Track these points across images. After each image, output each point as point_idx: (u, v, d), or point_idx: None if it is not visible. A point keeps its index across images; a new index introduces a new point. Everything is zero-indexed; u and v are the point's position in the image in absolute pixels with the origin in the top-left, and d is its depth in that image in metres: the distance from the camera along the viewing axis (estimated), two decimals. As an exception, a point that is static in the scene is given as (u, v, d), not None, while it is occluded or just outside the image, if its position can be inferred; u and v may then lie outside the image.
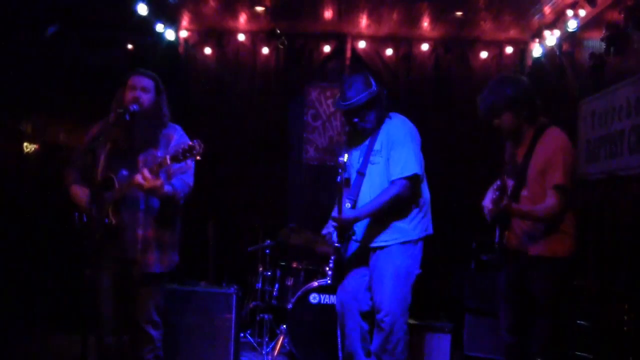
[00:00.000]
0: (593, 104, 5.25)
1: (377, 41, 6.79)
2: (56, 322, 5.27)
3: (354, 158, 4.15)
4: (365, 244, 4.04)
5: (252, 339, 5.56)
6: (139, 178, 3.47)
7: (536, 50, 6.30)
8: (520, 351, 3.65)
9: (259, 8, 6.19)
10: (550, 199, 3.43)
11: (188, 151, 3.41)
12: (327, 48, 6.82)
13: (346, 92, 3.99)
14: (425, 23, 6.39)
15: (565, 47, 5.84)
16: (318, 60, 6.85)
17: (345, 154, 4.02)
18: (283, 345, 5.32)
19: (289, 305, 5.12)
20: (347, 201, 4.08)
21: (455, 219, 6.04)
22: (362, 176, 4.04)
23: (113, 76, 3.89)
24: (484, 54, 6.72)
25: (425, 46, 6.73)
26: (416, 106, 6.52)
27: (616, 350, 4.22)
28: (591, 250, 5.13)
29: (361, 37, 6.76)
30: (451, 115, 6.70)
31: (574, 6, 5.41)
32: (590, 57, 5.25)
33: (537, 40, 6.28)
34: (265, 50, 6.79)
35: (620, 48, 4.88)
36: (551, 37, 5.94)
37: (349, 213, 3.93)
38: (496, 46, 6.72)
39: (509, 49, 6.70)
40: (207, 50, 6.81)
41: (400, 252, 3.94)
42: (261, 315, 5.48)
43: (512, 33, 6.52)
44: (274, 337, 5.45)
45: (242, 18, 6.48)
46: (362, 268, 4.08)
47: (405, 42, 6.77)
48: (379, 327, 3.90)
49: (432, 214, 4.17)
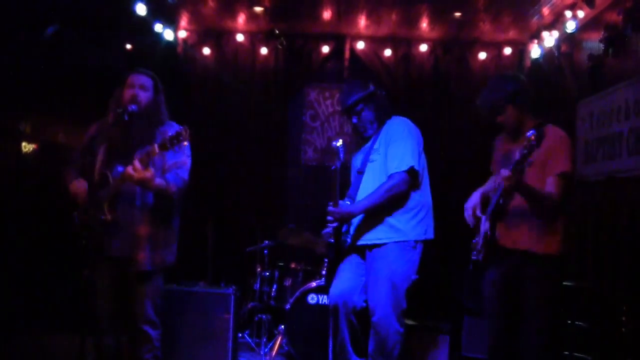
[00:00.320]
0: (591, 106, 5.26)
1: (376, 42, 6.79)
2: (55, 322, 5.26)
3: (357, 161, 4.19)
4: (360, 242, 4.03)
5: (250, 340, 5.56)
6: (130, 169, 3.48)
7: (535, 51, 6.30)
8: (507, 355, 3.63)
9: (258, 8, 6.18)
10: (552, 187, 3.42)
11: (175, 137, 3.42)
12: (326, 49, 6.82)
13: (344, 95, 4.12)
14: (424, 24, 6.39)
15: (563, 48, 5.85)
16: (317, 60, 6.85)
17: (339, 140, 4.11)
18: (281, 345, 5.31)
19: (287, 305, 5.13)
20: (346, 199, 4.12)
21: (453, 220, 6.03)
22: (361, 174, 4.07)
23: (112, 76, 3.89)
24: (483, 55, 6.72)
25: (424, 47, 6.73)
26: (415, 107, 6.53)
27: (615, 351, 4.23)
28: (589, 251, 5.13)
29: (360, 38, 6.76)
30: (450, 116, 6.71)
31: (573, 7, 5.42)
32: (588, 59, 5.26)
33: (536, 41, 6.29)
34: (264, 50, 6.79)
35: (618, 49, 4.88)
36: (550, 38, 5.94)
37: (347, 207, 3.98)
38: (495, 47, 6.73)
39: (508, 50, 6.71)
40: (206, 50, 6.80)
41: (397, 254, 3.91)
42: (259, 315, 5.48)
43: (511, 34, 6.52)
44: (272, 338, 5.44)
45: (241, 18, 6.48)
46: (358, 266, 4.06)
47: (404, 43, 6.77)
48: (374, 330, 3.89)
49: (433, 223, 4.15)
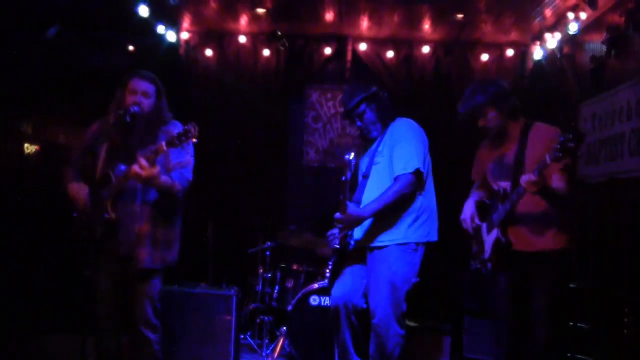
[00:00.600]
0: (593, 107, 5.25)
1: (378, 43, 6.79)
2: (56, 323, 5.27)
3: (363, 164, 4.17)
4: (362, 244, 4.02)
5: (252, 341, 5.56)
6: (136, 167, 3.47)
7: (537, 52, 6.30)
8: (513, 356, 3.63)
9: (260, 10, 6.19)
10: (559, 182, 3.41)
11: (183, 134, 3.40)
12: (328, 50, 6.82)
13: (345, 97, 4.11)
14: (426, 25, 6.39)
15: (566, 50, 5.85)
16: (319, 62, 6.85)
17: (351, 153, 4.05)
18: (283, 347, 5.31)
19: (289, 307, 5.12)
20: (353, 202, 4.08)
21: (455, 221, 6.03)
22: (366, 178, 4.05)
23: (114, 77, 3.88)
24: (485, 57, 6.72)
25: (425, 48, 6.73)
26: (417, 108, 6.52)
27: (616, 353, 4.23)
28: (591, 252, 5.13)
29: (362, 39, 6.76)
30: (451, 117, 6.68)
31: (575, 9, 5.42)
32: (590, 60, 5.26)
33: (538, 42, 6.28)
34: (266, 52, 6.79)
35: (620, 51, 4.89)
36: (552, 40, 5.94)
37: (355, 210, 3.86)
38: (497, 48, 6.72)
39: (510, 52, 6.70)
40: (208, 51, 6.81)
41: (397, 257, 3.89)
42: (261, 317, 5.48)
43: (513, 35, 6.52)
44: (274, 339, 5.44)
45: (243, 20, 6.48)
46: (360, 268, 4.05)
47: (405, 44, 6.77)
48: (375, 332, 3.88)
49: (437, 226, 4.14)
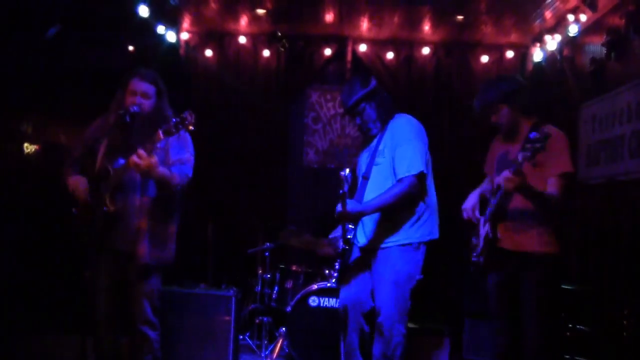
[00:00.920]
0: (594, 109, 5.26)
1: (378, 44, 6.79)
2: (55, 323, 5.26)
3: (363, 161, 4.14)
4: (366, 246, 4.02)
5: (251, 342, 5.56)
6: (135, 158, 3.47)
7: (537, 54, 6.30)
8: (511, 357, 3.62)
9: (260, 10, 6.19)
10: (553, 188, 3.41)
11: (180, 122, 3.40)
12: (328, 51, 6.81)
13: (344, 95, 4.02)
14: (426, 26, 6.39)
15: (566, 52, 5.85)
16: (319, 63, 6.85)
17: (346, 169, 3.89)
18: (282, 347, 5.31)
19: (288, 308, 5.12)
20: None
21: (454, 222, 6.02)
22: (367, 179, 4.02)
23: (114, 78, 3.88)
24: (485, 58, 6.72)
25: (426, 50, 6.74)
26: (417, 109, 6.50)
27: (616, 355, 4.23)
28: (591, 254, 5.13)
29: (362, 40, 6.76)
30: (452, 118, 6.70)
31: (575, 11, 5.43)
32: (591, 62, 5.26)
33: (538, 44, 6.29)
34: (266, 52, 6.79)
35: (620, 53, 4.89)
36: (552, 42, 5.94)
37: (355, 206, 3.82)
38: (497, 50, 6.72)
39: (510, 53, 6.70)
40: (208, 52, 6.81)
41: (400, 256, 3.90)
42: (260, 317, 5.47)
43: (513, 37, 6.53)
44: (273, 340, 5.44)
45: (243, 20, 6.48)
46: (365, 270, 4.06)
47: (406, 46, 6.77)
48: (379, 331, 3.89)
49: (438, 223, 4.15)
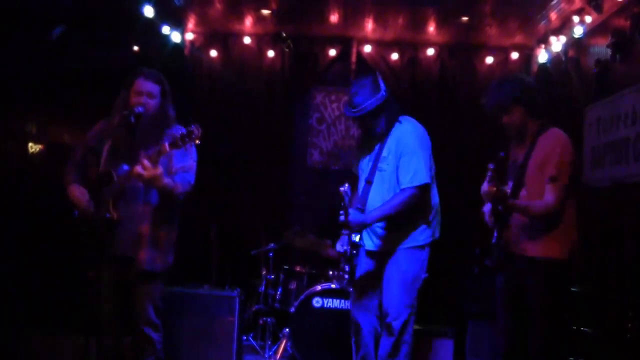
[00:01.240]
0: (598, 111, 5.24)
1: (383, 45, 6.78)
2: (58, 324, 5.27)
3: (365, 165, 4.13)
4: (375, 251, 4.06)
5: (255, 342, 5.56)
6: (139, 168, 3.47)
7: (542, 56, 6.29)
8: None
9: (265, 11, 6.19)
10: (547, 195, 3.37)
11: (187, 136, 3.40)
12: (333, 52, 6.81)
13: (354, 98, 3.91)
14: (430, 28, 6.38)
15: (571, 54, 5.83)
16: (323, 63, 6.85)
17: (346, 184, 3.91)
18: (285, 348, 5.31)
19: (292, 308, 5.12)
20: (357, 206, 4.07)
21: (459, 224, 6.02)
22: (370, 184, 4.01)
23: (119, 78, 3.89)
24: (490, 60, 6.70)
25: (430, 51, 6.73)
26: (421, 111, 6.48)
27: (619, 357, 4.21)
28: (595, 257, 5.11)
29: (367, 41, 6.75)
30: (456, 120, 6.69)
31: (580, 12, 5.41)
32: (596, 64, 5.24)
33: (543, 46, 6.27)
34: (270, 53, 6.79)
35: (626, 55, 4.87)
36: (557, 43, 5.92)
37: (358, 217, 3.86)
38: (502, 52, 6.71)
39: (515, 55, 6.68)
40: (213, 52, 6.81)
41: (408, 258, 3.95)
42: (264, 318, 5.48)
43: (518, 39, 6.51)
44: (277, 341, 5.44)
45: (248, 21, 6.49)
46: (373, 273, 4.09)
47: (410, 47, 6.77)
48: (389, 332, 3.93)
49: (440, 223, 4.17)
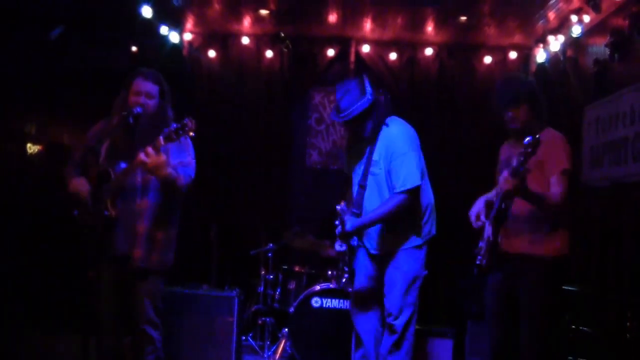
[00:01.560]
0: (597, 110, 5.24)
1: (381, 45, 6.78)
2: (58, 323, 5.27)
3: (357, 169, 4.12)
4: (375, 254, 4.08)
5: (254, 342, 5.56)
6: (142, 156, 3.42)
7: (540, 55, 6.30)
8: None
9: (264, 11, 6.19)
10: (557, 187, 3.38)
11: (180, 129, 3.37)
12: (332, 52, 6.81)
13: (340, 103, 3.90)
14: (429, 28, 6.38)
15: (569, 53, 5.84)
16: (322, 64, 6.85)
17: (342, 202, 3.99)
18: (284, 348, 5.31)
19: (291, 309, 5.12)
20: (352, 209, 4.09)
21: (457, 224, 6.01)
22: (364, 189, 4.02)
23: (117, 78, 3.89)
24: (488, 59, 6.71)
25: (429, 51, 6.73)
26: (420, 111, 6.53)
27: (618, 357, 4.22)
28: (594, 257, 5.12)
29: (365, 42, 6.75)
30: (455, 119, 6.70)
31: (579, 12, 5.41)
32: (594, 63, 5.25)
33: (541, 45, 6.28)
34: (269, 53, 6.79)
35: (624, 54, 4.87)
36: (555, 43, 5.93)
37: (353, 223, 3.91)
38: (500, 51, 6.71)
39: (513, 54, 6.69)
40: (212, 53, 6.81)
41: (406, 258, 3.98)
42: (263, 318, 5.48)
43: (516, 38, 6.52)
44: (276, 341, 5.44)
45: (247, 21, 6.49)
46: (372, 274, 4.12)
47: (409, 47, 6.77)
48: (391, 330, 3.96)
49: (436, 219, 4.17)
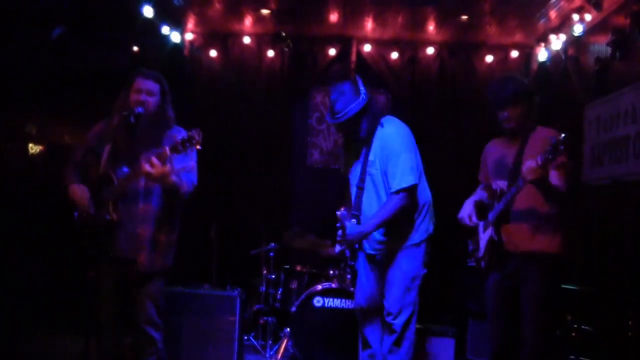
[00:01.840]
0: (598, 109, 5.24)
1: (382, 45, 6.78)
2: (59, 324, 5.28)
3: (355, 170, 4.12)
4: (371, 252, 4.09)
5: (256, 342, 5.56)
6: (147, 166, 3.40)
7: (541, 54, 6.29)
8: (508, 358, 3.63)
9: (265, 11, 6.19)
10: (559, 178, 3.41)
11: (188, 140, 3.36)
12: (332, 51, 6.81)
13: (334, 105, 3.90)
14: (430, 27, 6.38)
15: (570, 52, 5.84)
16: (323, 63, 6.85)
17: (342, 208, 4.02)
18: (286, 348, 5.31)
19: (293, 308, 5.12)
20: (352, 212, 4.10)
21: (458, 224, 6.01)
22: (362, 190, 4.03)
23: (118, 78, 3.89)
24: (489, 58, 6.70)
25: (430, 50, 6.73)
26: (420, 110, 6.53)
27: (620, 355, 4.22)
28: (595, 255, 5.12)
29: (366, 41, 6.75)
30: (455, 118, 6.69)
31: (580, 11, 5.41)
32: (595, 62, 5.25)
33: (543, 44, 6.28)
34: (270, 53, 6.79)
35: (625, 53, 4.87)
36: (557, 42, 5.93)
37: (355, 229, 3.94)
38: (501, 50, 6.71)
39: (514, 53, 6.68)
40: (213, 52, 6.81)
41: (405, 257, 4.00)
42: (265, 318, 5.48)
43: (518, 37, 6.51)
44: (278, 340, 5.44)
45: (248, 21, 6.49)
46: (373, 274, 4.14)
47: (410, 46, 6.77)
48: (391, 330, 3.99)
49: (436, 218, 4.17)
